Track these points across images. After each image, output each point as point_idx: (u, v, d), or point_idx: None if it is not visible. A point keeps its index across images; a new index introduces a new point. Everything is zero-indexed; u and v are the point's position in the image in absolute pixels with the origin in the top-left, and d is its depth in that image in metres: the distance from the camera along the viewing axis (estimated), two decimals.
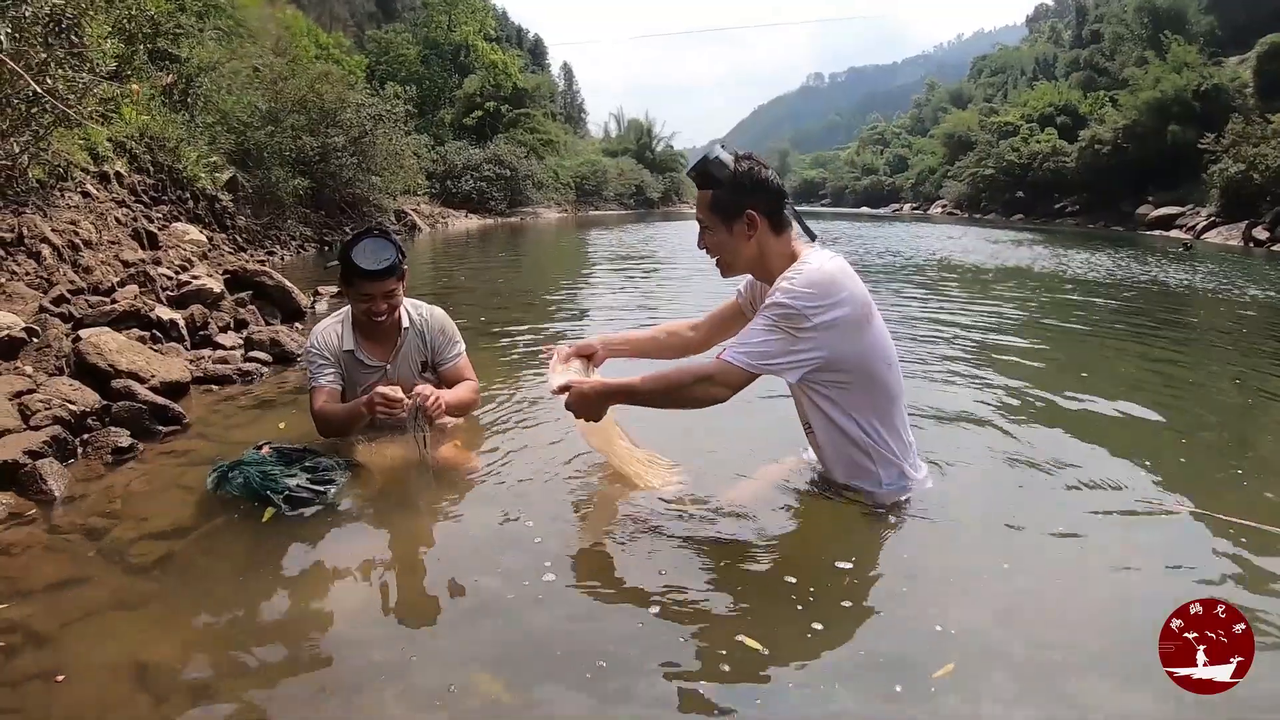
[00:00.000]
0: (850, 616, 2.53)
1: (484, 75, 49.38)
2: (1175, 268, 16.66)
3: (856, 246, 20.65)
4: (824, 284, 2.74)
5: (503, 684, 2.18)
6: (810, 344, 2.75)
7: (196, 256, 9.58)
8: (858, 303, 2.79)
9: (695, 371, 2.87)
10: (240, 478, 3.20)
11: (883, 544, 2.96)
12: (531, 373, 5.39)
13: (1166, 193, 36.75)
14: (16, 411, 3.93)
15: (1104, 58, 53.99)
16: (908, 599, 2.66)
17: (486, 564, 2.84)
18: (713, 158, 2.89)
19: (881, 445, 2.99)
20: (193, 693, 2.15)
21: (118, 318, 5.61)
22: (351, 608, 2.61)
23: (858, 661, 2.30)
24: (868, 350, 2.85)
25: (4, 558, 2.88)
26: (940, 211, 61.22)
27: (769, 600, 2.59)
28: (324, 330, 3.81)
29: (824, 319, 2.72)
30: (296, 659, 2.31)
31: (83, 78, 7.40)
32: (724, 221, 2.92)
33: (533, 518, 3.16)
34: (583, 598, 2.63)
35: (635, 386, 2.96)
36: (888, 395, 2.95)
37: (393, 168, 22.21)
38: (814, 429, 3.08)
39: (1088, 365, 6.60)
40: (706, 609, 2.56)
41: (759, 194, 2.89)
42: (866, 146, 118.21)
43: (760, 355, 2.76)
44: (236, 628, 2.47)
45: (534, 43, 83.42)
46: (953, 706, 2.11)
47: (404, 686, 2.18)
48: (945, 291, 11.75)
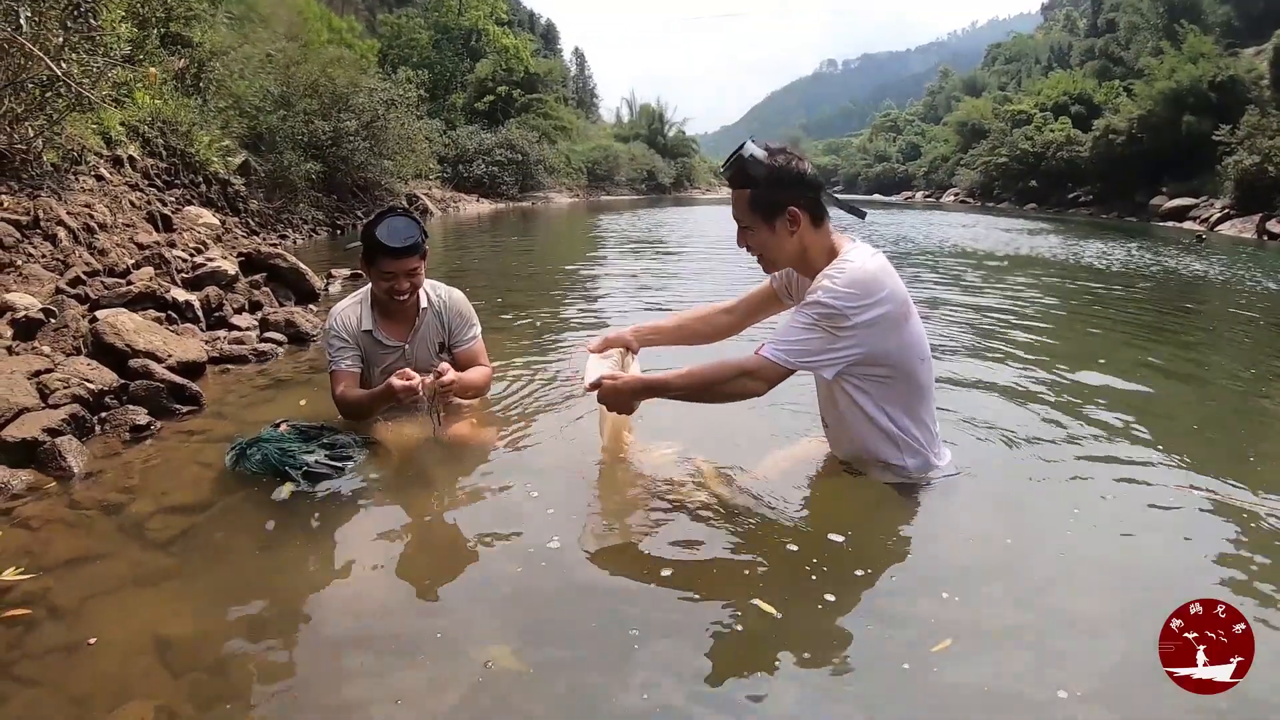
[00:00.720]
0: (861, 585, 2.56)
1: (496, 60, 49.34)
2: (1188, 259, 16.57)
3: (868, 234, 20.52)
4: (866, 283, 2.70)
5: (518, 654, 2.20)
6: (849, 342, 2.72)
7: (211, 239, 9.62)
8: (898, 301, 2.76)
9: (733, 366, 2.81)
10: (259, 454, 3.23)
11: (899, 518, 2.97)
12: (544, 354, 5.41)
13: (1180, 184, 36.41)
14: (35, 390, 3.96)
15: (1119, 47, 53.64)
16: (917, 572, 2.69)
17: (500, 538, 2.86)
18: (747, 155, 2.78)
19: (909, 436, 2.98)
20: (212, 667, 2.17)
21: (134, 299, 5.63)
22: (369, 582, 2.63)
23: (867, 633, 2.32)
24: (905, 346, 2.83)
25: (25, 532, 2.91)
26: (953, 199, 60.86)
27: (784, 568, 2.62)
28: (342, 311, 3.82)
29: (864, 318, 2.69)
30: (316, 633, 2.33)
31: (97, 62, 7.44)
32: (765, 220, 2.83)
33: (544, 492, 3.20)
34: (593, 567, 2.66)
35: (670, 381, 2.93)
36: (920, 389, 2.94)
37: (404, 152, 22.22)
38: (842, 420, 3.05)
39: (1104, 352, 6.58)
40: (720, 576, 2.60)
41: (799, 188, 2.80)
42: (879, 133, 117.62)
43: (800, 353, 2.74)
44: (255, 602, 2.49)
45: (546, 27, 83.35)
46: (952, 678, 2.13)
47: (421, 658, 2.20)
48: (963, 278, 11.71)
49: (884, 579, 2.61)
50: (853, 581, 2.57)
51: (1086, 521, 3.07)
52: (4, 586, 2.56)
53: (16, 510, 3.08)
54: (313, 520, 2.98)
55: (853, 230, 3.09)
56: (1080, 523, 3.07)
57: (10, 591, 2.52)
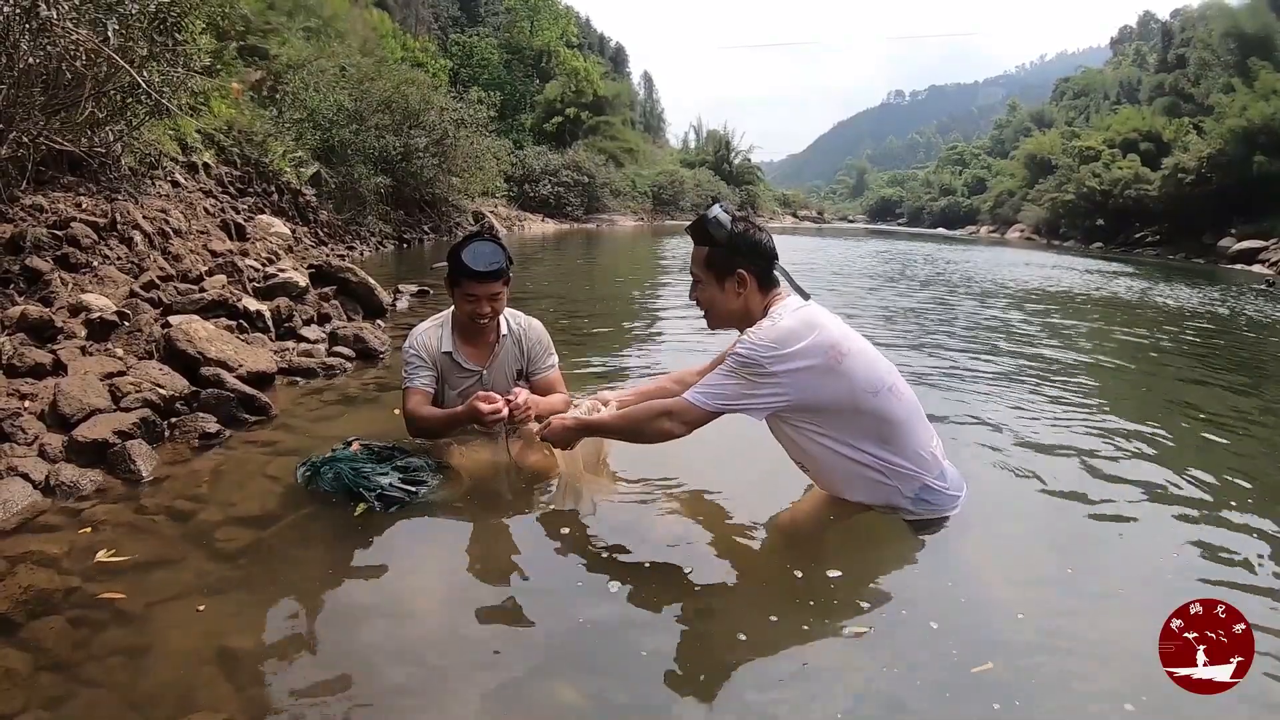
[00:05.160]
0: (891, 624, 2.57)
1: (565, 81, 49.78)
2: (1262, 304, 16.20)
3: (938, 272, 20.28)
4: (783, 338, 2.88)
5: (575, 685, 2.21)
6: (770, 389, 2.90)
7: (282, 249, 9.75)
8: (820, 351, 2.89)
9: (658, 408, 3.05)
10: (332, 472, 3.24)
11: (917, 554, 3.02)
12: (610, 385, 5.39)
13: (1250, 225, 35.59)
14: (107, 392, 4.03)
15: (1189, 83, 52.66)
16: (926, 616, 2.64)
17: (562, 573, 2.86)
18: (711, 217, 3.04)
19: (891, 464, 3.02)
20: (274, 682, 2.18)
21: (206, 306, 5.71)
22: (433, 607, 2.63)
23: (892, 674, 2.33)
24: (847, 388, 2.91)
25: (92, 534, 2.95)
26: (1018, 236, 60.01)
27: (809, 609, 2.61)
28: (423, 332, 3.85)
29: (783, 368, 2.87)
30: (378, 655, 2.32)
31: (178, 72, 7.60)
32: (718, 278, 3.07)
33: (612, 528, 3.20)
34: (650, 609, 2.62)
35: (605, 422, 3.23)
36: (886, 420, 2.98)
37: (472, 169, 22.43)
38: (816, 462, 3.13)
39: (1168, 393, 6.44)
40: (756, 614, 2.61)
41: (752, 256, 3.03)
42: (945, 166, 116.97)
43: (717, 397, 2.94)
44: (319, 621, 2.49)
45: (615, 50, 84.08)
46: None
47: (481, 686, 2.19)
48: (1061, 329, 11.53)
49: (916, 623, 2.56)
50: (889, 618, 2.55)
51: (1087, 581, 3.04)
52: (98, 569, 2.67)
53: (86, 511, 3.13)
54: (381, 542, 2.99)
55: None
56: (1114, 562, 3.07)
57: (104, 573, 2.63)
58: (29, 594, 2.50)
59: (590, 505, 3.36)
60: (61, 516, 3.10)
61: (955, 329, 9.46)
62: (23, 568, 2.67)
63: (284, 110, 15.01)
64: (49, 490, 3.28)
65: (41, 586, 2.55)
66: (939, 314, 10.94)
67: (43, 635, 2.31)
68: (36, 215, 6.00)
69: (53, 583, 2.58)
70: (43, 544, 2.86)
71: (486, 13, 59.49)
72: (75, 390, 3.90)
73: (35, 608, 2.44)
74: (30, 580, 2.58)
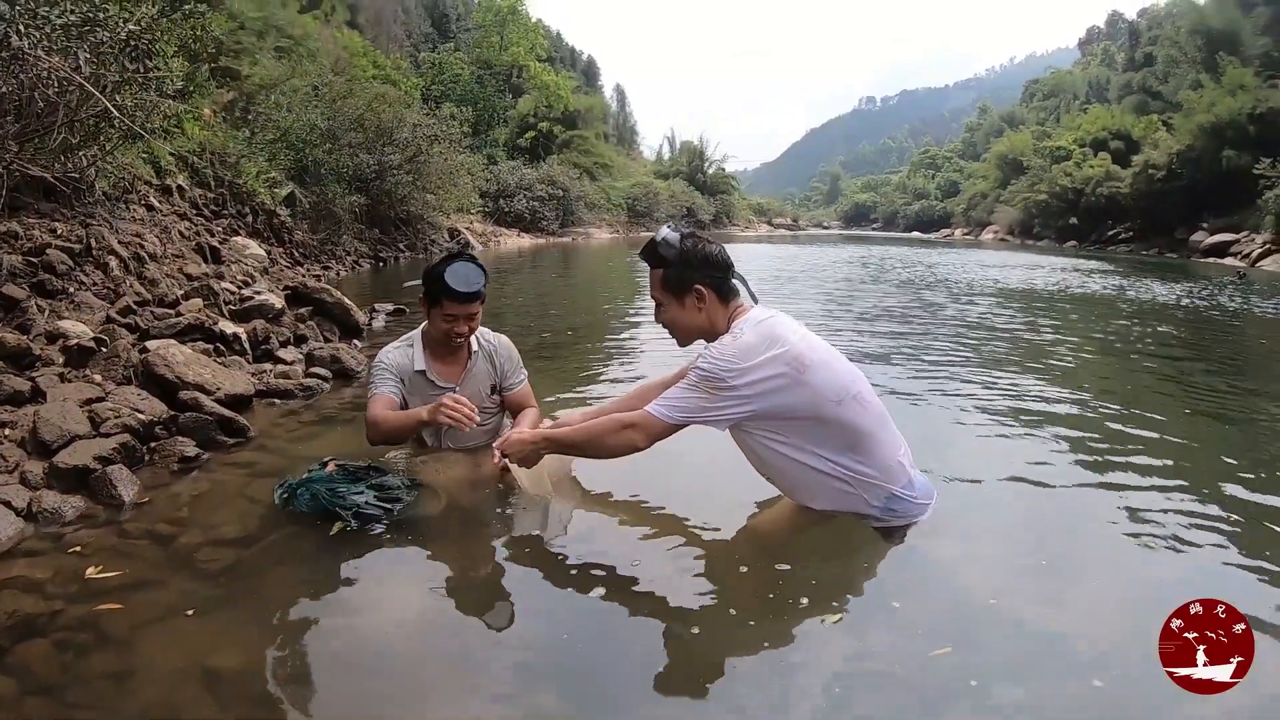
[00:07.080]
0: (861, 617, 2.66)
1: (537, 96, 49.65)
2: (1229, 295, 16.37)
3: (912, 276, 20.42)
4: (743, 352, 2.91)
5: (556, 699, 2.24)
6: (731, 401, 2.93)
7: (257, 271, 9.76)
8: (782, 363, 2.91)
9: (620, 421, 3.07)
10: (308, 494, 3.27)
11: (888, 551, 3.08)
12: (588, 396, 5.43)
13: (1221, 219, 35.86)
14: (87, 418, 4.05)
15: (1157, 81, 52.99)
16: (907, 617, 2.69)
17: (539, 586, 2.89)
18: (660, 239, 3.08)
19: (857, 473, 3.04)
20: (257, 700, 2.21)
21: (183, 330, 5.73)
22: (412, 623, 2.66)
23: (864, 664, 2.41)
24: (810, 398, 2.93)
25: (76, 559, 2.97)
26: (992, 237, 60.27)
27: (784, 608, 2.68)
28: (393, 350, 3.90)
29: (743, 381, 2.90)
30: (359, 672, 2.36)
31: (150, 96, 7.61)
32: (676, 297, 3.12)
33: (589, 539, 3.25)
34: (629, 618, 2.66)
35: (567, 435, 3.23)
36: (851, 429, 3.00)
37: (447, 186, 22.37)
38: (780, 473, 3.17)
39: (1146, 385, 6.53)
40: (742, 620, 2.65)
41: (705, 269, 3.08)
42: (918, 170, 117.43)
43: (678, 409, 2.98)
44: (301, 639, 2.52)
45: (587, 64, 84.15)
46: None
47: (462, 699, 2.24)
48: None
49: (886, 625, 2.62)
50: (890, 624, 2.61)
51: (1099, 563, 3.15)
52: (89, 585, 2.73)
53: (68, 536, 3.15)
54: (359, 561, 3.01)
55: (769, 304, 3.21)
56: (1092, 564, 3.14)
57: (93, 590, 2.68)
58: (14, 619, 2.52)
59: (561, 519, 3.40)
60: (45, 542, 3.11)
61: (932, 328, 9.62)
62: (7, 593, 2.69)
63: (256, 131, 14.97)
64: (31, 517, 3.28)
65: (27, 611, 2.57)
66: (919, 314, 11.09)
67: (30, 659, 2.33)
68: (11, 242, 5.99)
69: (38, 607, 2.60)
70: (27, 569, 2.88)
71: (459, 29, 59.40)
72: (55, 417, 3.92)
73: (21, 632, 2.46)
74: (15, 605, 2.60)
